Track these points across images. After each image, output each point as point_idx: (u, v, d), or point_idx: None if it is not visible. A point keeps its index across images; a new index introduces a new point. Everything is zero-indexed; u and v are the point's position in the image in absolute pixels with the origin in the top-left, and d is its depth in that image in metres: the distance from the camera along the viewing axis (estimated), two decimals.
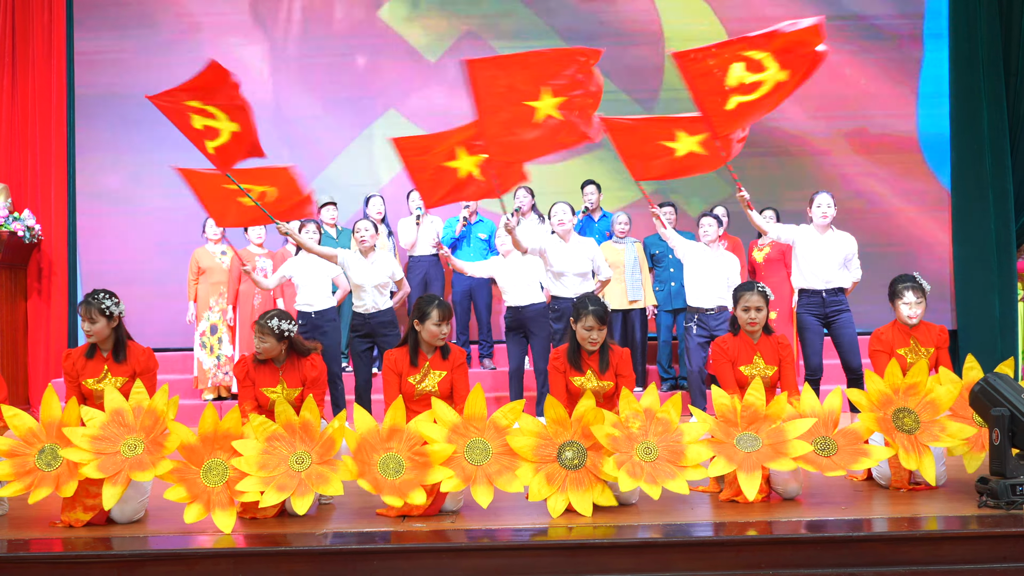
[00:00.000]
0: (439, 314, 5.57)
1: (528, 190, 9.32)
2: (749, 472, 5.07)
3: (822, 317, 7.42)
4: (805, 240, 7.48)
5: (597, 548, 4.58)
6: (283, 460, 5.02)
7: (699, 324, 7.81)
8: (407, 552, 4.60)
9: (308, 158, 10.07)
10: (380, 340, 7.62)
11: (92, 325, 5.53)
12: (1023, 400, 4.98)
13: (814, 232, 7.48)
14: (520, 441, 5.12)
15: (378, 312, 7.63)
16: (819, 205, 7.47)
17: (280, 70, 10.30)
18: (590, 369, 5.57)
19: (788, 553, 4.59)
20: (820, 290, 7.41)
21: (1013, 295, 9.89)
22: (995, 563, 4.57)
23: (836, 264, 7.42)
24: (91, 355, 5.60)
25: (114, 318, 5.56)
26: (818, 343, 7.47)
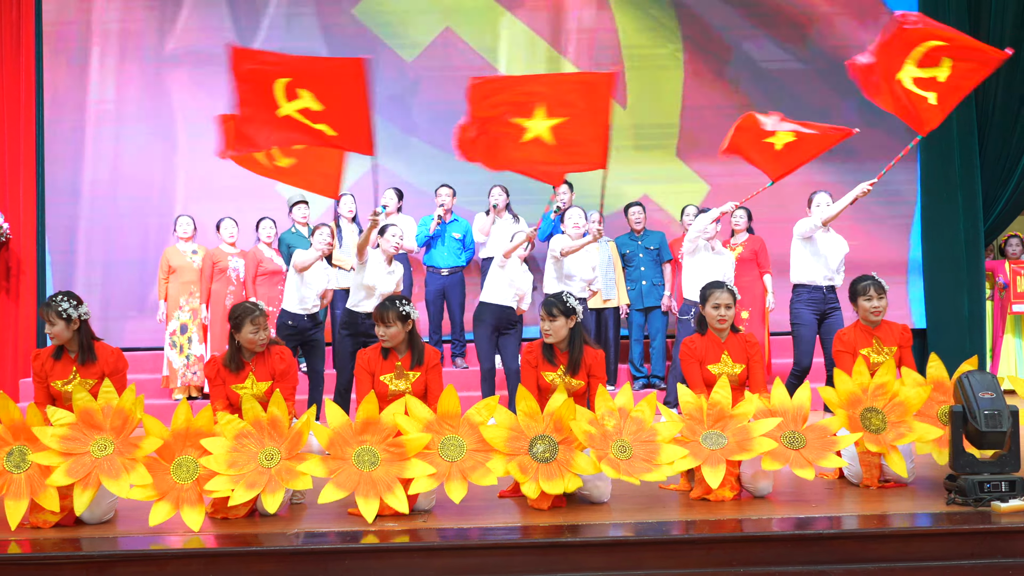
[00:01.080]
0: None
1: (503, 189, 9.32)
2: (714, 466, 5.10)
3: (820, 313, 7.50)
4: (819, 235, 7.59)
5: (569, 547, 4.58)
6: (252, 457, 5.00)
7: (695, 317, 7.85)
8: (379, 551, 4.59)
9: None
10: (369, 341, 7.54)
11: (52, 327, 5.48)
12: (979, 399, 5.03)
13: (821, 228, 7.59)
14: (492, 432, 5.13)
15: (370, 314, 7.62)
16: (818, 205, 7.63)
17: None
18: (562, 366, 5.59)
19: (759, 551, 4.61)
20: (822, 286, 7.52)
21: (981, 294, 9.96)
22: (963, 559, 4.61)
23: (837, 262, 7.55)
24: (59, 356, 5.55)
25: (74, 321, 5.49)
26: (811, 340, 7.54)
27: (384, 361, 5.62)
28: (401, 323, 5.56)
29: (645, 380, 9.23)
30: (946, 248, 10.01)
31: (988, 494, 4.95)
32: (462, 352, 9.54)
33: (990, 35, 9.96)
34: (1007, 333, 9.94)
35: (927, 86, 6.80)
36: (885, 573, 4.52)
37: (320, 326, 7.95)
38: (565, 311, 5.58)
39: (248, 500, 4.93)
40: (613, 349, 9.05)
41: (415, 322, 5.66)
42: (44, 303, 5.52)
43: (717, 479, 5.08)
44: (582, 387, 5.61)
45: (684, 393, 5.44)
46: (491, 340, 8.01)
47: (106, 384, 5.18)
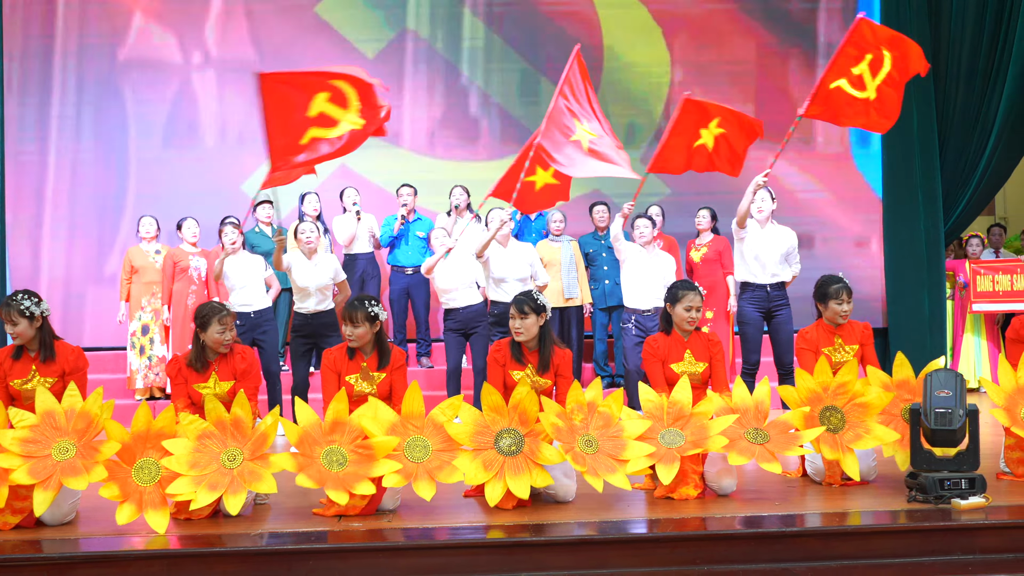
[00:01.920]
0: (347, 321, 5.56)
1: (464, 189, 9.32)
2: (667, 463, 5.13)
3: (765, 311, 7.50)
4: (750, 233, 7.57)
5: (534, 546, 4.59)
6: (215, 458, 4.96)
7: (636, 325, 7.85)
8: (344, 552, 4.58)
9: (242, 155, 9.99)
10: (321, 341, 7.58)
11: (15, 327, 5.40)
12: (933, 397, 5.09)
13: (755, 226, 7.56)
14: (458, 429, 5.13)
15: (321, 313, 7.61)
16: (755, 200, 7.55)
17: (214, 64, 10.18)
18: (530, 365, 5.59)
19: (722, 549, 4.64)
20: (765, 284, 7.49)
21: (942, 293, 10.06)
22: (924, 556, 4.66)
23: (779, 257, 7.51)
24: (18, 356, 5.48)
25: (36, 318, 5.42)
26: (758, 338, 7.54)
27: (350, 361, 5.60)
28: (369, 324, 5.53)
29: (609, 379, 9.25)
30: (907, 248, 10.11)
31: (948, 491, 5.00)
32: (427, 352, 9.53)
33: (951, 36, 10.07)
34: (967, 332, 10.04)
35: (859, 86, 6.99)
36: (847, 570, 4.56)
37: (268, 324, 7.91)
38: (536, 308, 5.59)
39: (211, 502, 4.89)
40: (576, 348, 9.06)
41: (383, 323, 5.65)
42: (4, 303, 5.43)
43: (670, 475, 5.09)
44: (549, 386, 5.62)
45: (645, 391, 5.46)
46: (456, 341, 8.00)
47: (71, 387, 5.12)
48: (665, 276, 7.83)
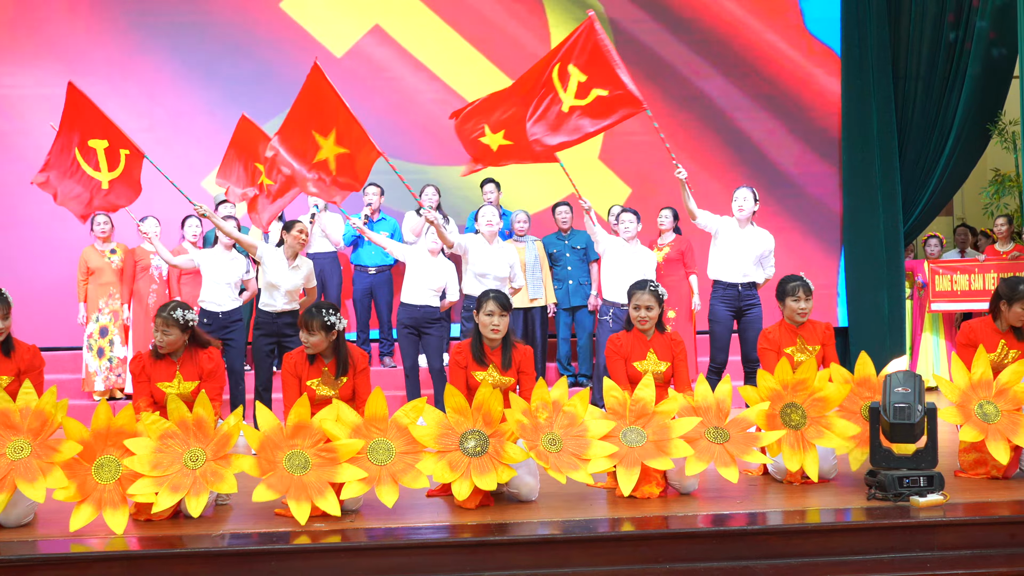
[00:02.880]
0: (304, 330, 5.52)
1: (436, 189, 9.31)
2: (628, 468, 5.14)
3: (735, 310, 7.56)
4: (725, 233, 7.62)
5: (497, 545, 4.60)
6: (177, 458, 4.93)
7: (615, 318, 7.88)
8: (306, 552, 4.56)
9: (205, 153, 9.90)
10: (285, 341, 7.56)
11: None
12: (892, 393, 5.14)
13: (734, 225, 7.63)
14: (423, 431, 5.12)
15: (286, 313, 7.58)
16: (736, 199, 7.62)
17: (176, 62, 10.09)
18: (492, 364, 5.59)
19: (684, 547, 4.66)
20: (736, 283, 7.56)
21: (901, 293, 10.16)
22: (883, 554, 4.71)
23: (753, 259, 7.57)
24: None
25: None
26: (726, 337, 7.60)
27: (310, 366, 5.56)
28: (324, 332, 5.47)
29: (572, 379, 9.27)
30: (867, 247, 10.19)
31: (907, 489, 5.05)
32: (390, 351, 9.50)
33: (910, 38, 10.17)
34: (926, 331, 10.14)
35: None
36: (808, 568, 4.60)
37: (236, 324, 7.87)
38: (509, 307, 5.61)
39: (172, 504, 4.85)
40: (540, 348, 9.07)
41: (341, 332, 5.59)
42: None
43: (629, 485, 5.10)
44: (513, 384, 5.62)
45: (610, 386, 5.47)
46: (410, 339, 7.99)
47: (26, 385, 5.06)
48: (645, 271, 7.87)
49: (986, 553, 4.73)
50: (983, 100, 9.99)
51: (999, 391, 5.56)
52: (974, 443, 5.61)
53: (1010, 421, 5.46)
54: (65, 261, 9.38)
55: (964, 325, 6.19)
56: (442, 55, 10.26)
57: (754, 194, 7.66)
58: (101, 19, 10.01)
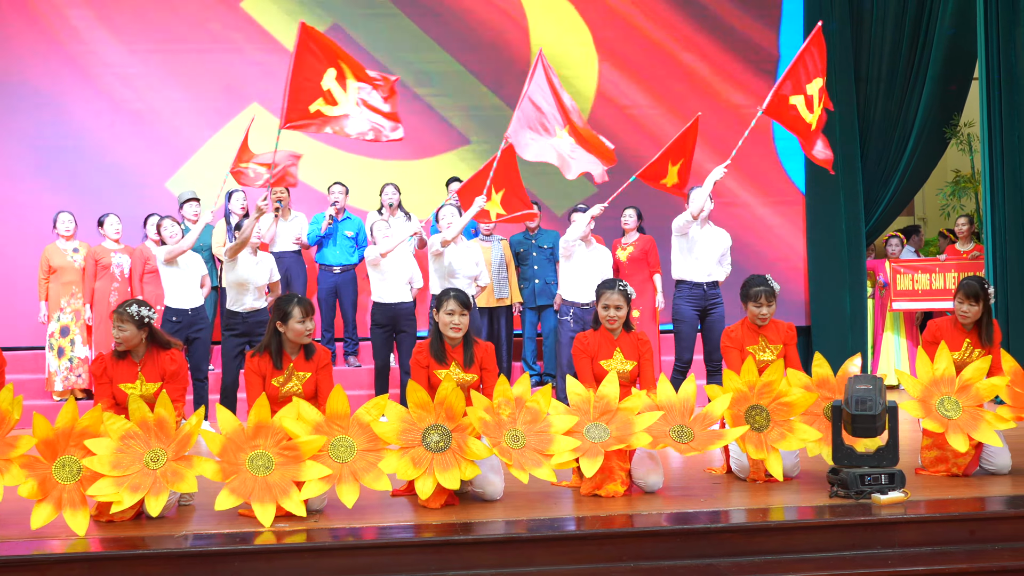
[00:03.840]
0: (301, 311, 5.49)
1: (395, 188, 9.30)
2: (591, 457, 5.15)
3: (700, 309, 7.61)
4: (690, 232, 7.66)
5: (462, 545, 4.59)
6: (138, 458, 4.89)
7: (574, 318, 7.89)
8: (270, 553, 4.54)
9: (168, 152, 9.85)
10: (255, 340, 7.52)
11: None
12: (853, 390, 5.19)
13: (695, 225, 7.66)
14: (385, 427, 5.11)
15: (255, 312, 7.56)
16: (696, 200, 7.64)
17: (137, 61, 10.01)
18: (454, 362, 5.59)
19: (648, 545, 4.68)
20: (702, 283, 7.61)
21: (863, 293, 10.24)
22: (845, 551, 4.74)
23: (716, 257, 7.63)
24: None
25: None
26: (692, 336, 7.65)
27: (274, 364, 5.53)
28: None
29: (538, 378, 9.28)
30: (829, 248, 10.27)
31: (868, 487, 5.09)
32: (355, 351, 9.47)
33: (872, 40, 10.26)
34: (887, 331, 10.23)
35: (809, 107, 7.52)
36: (771, 565, 4.62)
37: (203, 321, 7.83)
38: (469, 305, 5.63)
39: (133, 504, 4.81)
40: (506, 347, 9.09)
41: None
42: None
43: (593, 468, 5.12)
44: (475, 381, 5.62)
45: (573, 384, 5.49)
46: (384, 338, 7.99)
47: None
48: (602, 269, 7.90)
49: (946, 550, 4.77)
50: (943, 102, 10.11)
51: (962, 387, 5.63)
52: (935, 441, 5.67)
53: (971, 417, 5.52)
54: (29, 261, 9.29)
55: (930, 323, 6.27)
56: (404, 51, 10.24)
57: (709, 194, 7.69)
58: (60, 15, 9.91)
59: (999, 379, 5.66)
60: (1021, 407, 5.65)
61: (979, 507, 5.07)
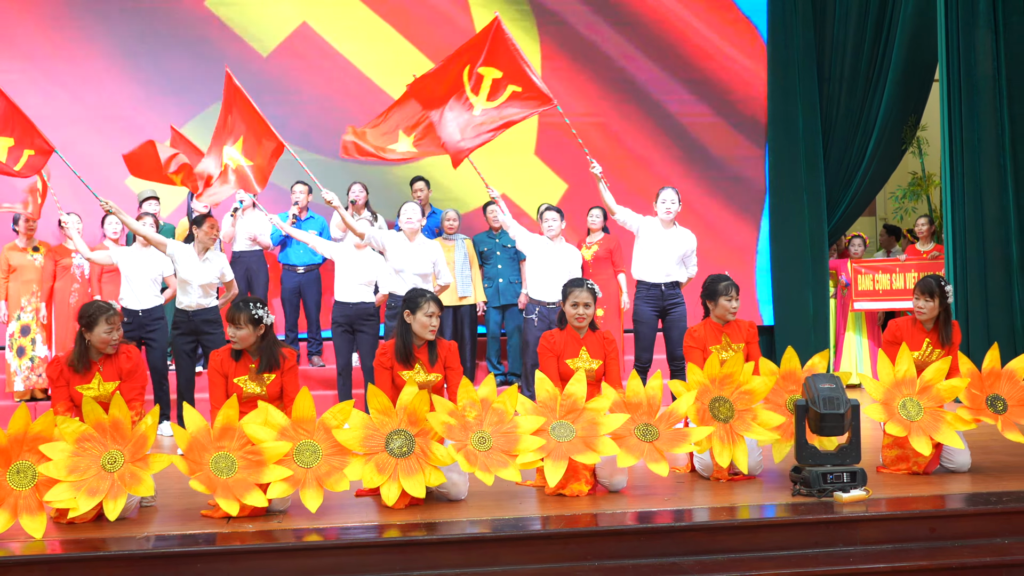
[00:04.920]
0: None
1: (363, 186, 9.26)
2: (556, 460, 5.15)
3: (659, 310, 7.62)
4: (648, 233, 7.67)
5: (426, 544, 4.59)
6: (94, 461, 4.84)
7: (540, 317, 7.89)
8: (233, 554, 4.51)
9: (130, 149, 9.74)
10: (204, 339, 7.52)
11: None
12: (818, 389, 5.23)
13: (658, 226, 7.67)
14: (347, 435, 5.08)
15: (202, 310, 7.51)
16: (663, 200, 7.66)
17: (100, 57, 9.91)
18: (419, 363, 5.57)
19: (612, 544, 4.69)
20: (659, 283, 7.61)
21: (825, 292, 10.31)
22: (807, 549, 4.78)
23: (676, 259, 7.64)
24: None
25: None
26: (651, 337, 7.66)
27: (236, 363, 5.48)
28: (252, 326, 5.39)
29: (502, 377, 9.28)
30: (792, 247, 10.33)
31: (831, 485, 5.13)
32: (319, 351, 9.44)
33: (834, 41, 10.34)
34: (849, 330, 10.32)
35: None
36: (734, 563, 4.65)
37: (157, 322, 7.76)
38: (443, 306, 5.62)
39: (91, 507, 4.77)
40: (470, 346, 9.08)
41: (269, 327, 5.50)
42: None
43: (556, 477, 5.12)
44: (440, 381, 5.61)
45: (542, 380, 5.49)
46: (344, 338, 7.96)
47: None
48: (571, 268, 7.89)
49: (907, 547, 4.82)
50: (904, 102, 10.19)
51: (923, 388, 5.68)
52: (896, 439, 5.73)
53: (932, 418, 5.58)
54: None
55: (890, 323, 6.33)
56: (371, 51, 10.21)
57: (678, 195, 7.72)
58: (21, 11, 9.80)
59: (959, 380, 5.72)
60: (979, 409, 5.72)
61: (939, 505, 5.12)
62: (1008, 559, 4.74)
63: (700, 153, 10.59)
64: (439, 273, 8.06)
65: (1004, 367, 5.89)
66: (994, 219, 9.23)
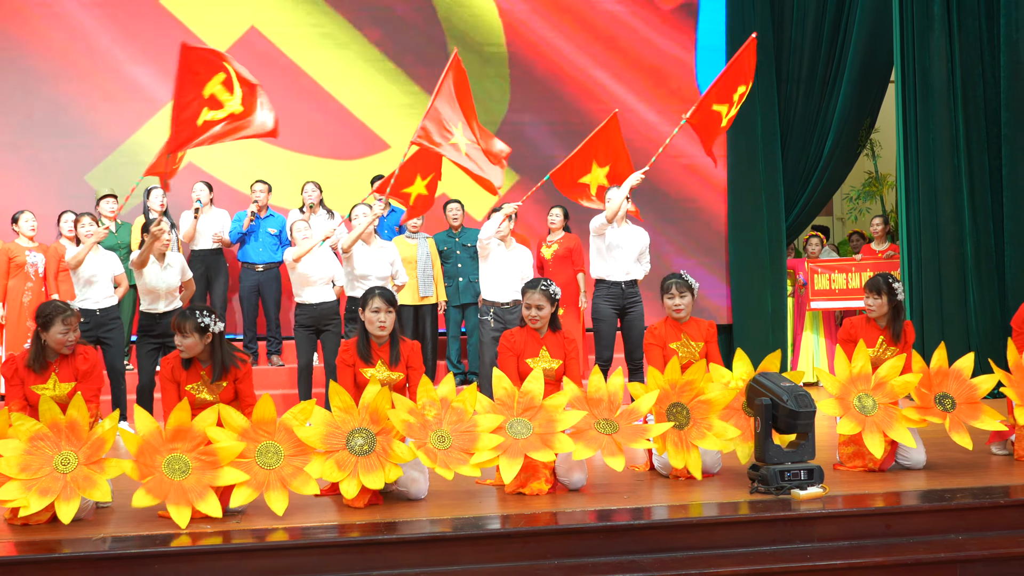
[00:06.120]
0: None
1: (316, 185, 9.23)
2: (511, 458, 5.17)
3: (619, 308, 7.66)
4: (608, 232, 7.70)
5: (385, 544, 4.58)
6: (47, 461, 4.79)
7: (495, 318, 7.90)
8: (191, 554, 4.48)
9: (87, 148, 9.65)
10: (170, 342, 7.41)
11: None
12: (782, 388, 5.28)
13: (612, 224, 7.71)
14: (309, 432, 5.06)
15: (170, 312, 7.45)
16: (610, 199, 7.68)
17: (56, 54, 9.80)
18: (380, 361, 5.56)
19: (572, 543, 4.70)
20: (620, 282, 7.65)
21: (783, 291, 10.40)
22: (765, 546, 4.82)
23: (634, 256, 7.68)
24: None
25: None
26: (611, 335, 7.70)
27: (187, 371, 5.41)
28: (198, 335, 5.31)
29: (462, 376, 9.27)
30: (751, 247, 10.40)
31: (788, 482, 5.18)
32: (278, 350, 9.39)
33: (792, 42, 10.42)
34: (806, 330, 10.40)
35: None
36: (693, 560, 4.68)
37: (114, 322, 7.68)
38: (395, 303, 5.60)
39: (44, 507, 4.71)
40: (431, 346, 9.06)
41: (218, 334, 5.40)
42: None
43: (511, 474, 5.13)
44: (402, 380, 5.61)
45: (499, 378, 5.50)
46: (308, 338, 7.92)
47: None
48: (523, 270, 7.92)
49: (863, 543, 4.87)
50: (860, 104, 10.30)
51: (877, 384, 5.74)
52: (852, 436, 5.78)
53: (886, 414, 5.64)
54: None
55: (846, 321, 6.39)
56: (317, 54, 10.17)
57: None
58: None
59: (911, 376, 5.79)
60: (926, 408, 5.80)
61: (895, 501, 5.17)
62: (962, 555, 4.81)
63: None
64: (397, 273, 8.05)
65: (951, 366, 5.98)
66: (948, 219, 9.37)
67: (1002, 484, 5.49)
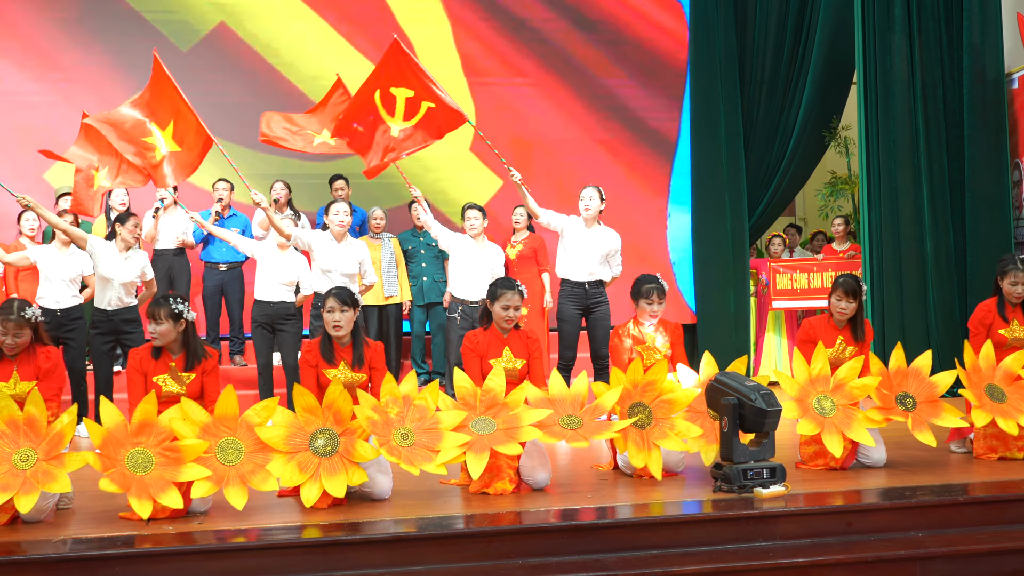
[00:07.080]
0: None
1: (285, 184, 9.18)
2: (478, 453, 5.17)
3: (583, 308, 7.66)
4: (572, 232, 7.70)
5: (349, 545, 4.57)
6: (6, 458, 4.76)
7: (463, 316, 7.89)
8: (152, 556, 4.45)
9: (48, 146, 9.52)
10: (123, 338, 7.42)
11: None
12: (747, 387, 5.31)
13: (580, 224, 7.71)
14: (271, 432, 5.04)
15: (123, 309, 7.40)
16: (583, 199, 7.69)
17: (15, 52, 9.68)
18: (343, 361, 5.55)
19: (537, 542, 4.71)
20: (583, 282, 7.65)
21: (746, 291, 10.43)
22: (729, 544, 4.85)
23: (599, 258, 7.68)
24: None
25: None
26: (574, 335, 7.70)
27: (156, 361, 5.41)
28: (172, 321, 5.34)
29: (427, 376, 9.26)
30: (714, 247, 10.42)
31: (751, 481, 5.21)
32: (241, 350, 9.33)
33: (755, 44, 10.47)
34: (769, 331, 10.45)
35: None
36: (656, 559, 4.69)
37: (75, 322, 7.61)
38: (353, 302, 5.59)
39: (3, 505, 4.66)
40: (395, 345, 9.04)
41: (190, 323, 5.46)
42: None
43: (479, 468, 5.13)
44: (364, 381, 5.59)
45: (460, 377, 5.50)
46: (264, 337, 7.88)
47: None
48: (494, 268, 7.91)
49: (824, 541, 4.91)
50: (823, 105, 10.37)
51: (836, 386, 5.79)
52: (813, 436, 5.82)
53: (845, 415, 5.69)
54: None
55: (804, 322, 6.44)
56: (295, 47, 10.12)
57: (600, 193, 7.74)
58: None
59: (870, 379, 5.84)
60: (888, 408, 5.85)
61: (856, 500, 5.21)
62: (922, 552, 4.86)
63: (623, 156, 10.67)
64: (365, 273, 8.02)
65: (910, 365, 6.04)
66: (909, 218, 9.47)
67: (961, 482, 5.55)
